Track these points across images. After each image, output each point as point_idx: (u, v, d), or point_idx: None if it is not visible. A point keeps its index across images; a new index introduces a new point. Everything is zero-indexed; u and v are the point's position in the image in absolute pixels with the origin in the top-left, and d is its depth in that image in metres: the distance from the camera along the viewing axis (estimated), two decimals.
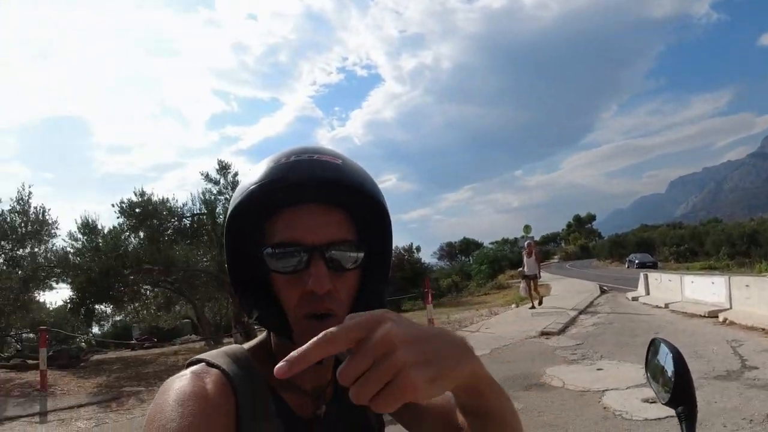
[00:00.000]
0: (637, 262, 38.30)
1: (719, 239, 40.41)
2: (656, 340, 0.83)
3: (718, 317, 8.62)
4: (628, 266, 39.47)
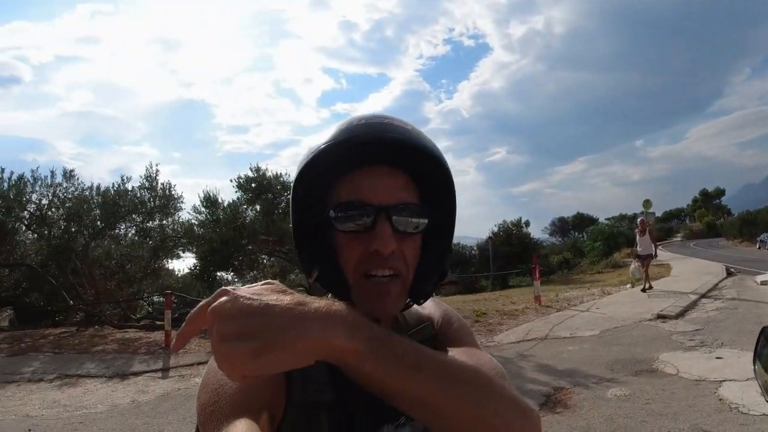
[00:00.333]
0: None
1: None
2: None
3: None
4: (759, 247, 34.55)
